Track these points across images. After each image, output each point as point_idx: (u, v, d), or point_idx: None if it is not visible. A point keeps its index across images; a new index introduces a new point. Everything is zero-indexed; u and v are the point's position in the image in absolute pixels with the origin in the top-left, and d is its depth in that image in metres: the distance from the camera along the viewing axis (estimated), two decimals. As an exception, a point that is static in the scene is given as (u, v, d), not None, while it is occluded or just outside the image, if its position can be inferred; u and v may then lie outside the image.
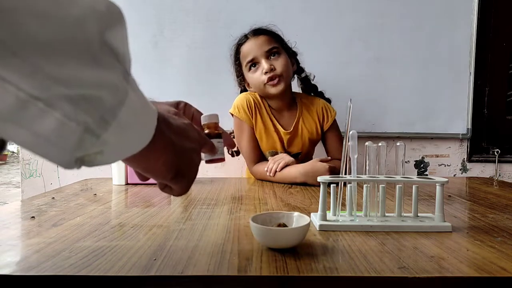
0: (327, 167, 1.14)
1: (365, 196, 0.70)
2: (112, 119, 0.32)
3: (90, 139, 0.31)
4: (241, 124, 1.34)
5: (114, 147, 0.34)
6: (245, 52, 1.30)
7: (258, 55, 1.27)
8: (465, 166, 1.81)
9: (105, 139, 0.32)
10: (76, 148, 0.31)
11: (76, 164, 0.34)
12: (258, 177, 1.30)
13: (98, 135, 0.32)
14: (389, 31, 1.71)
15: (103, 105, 0.31)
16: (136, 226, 0.69)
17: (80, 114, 0.29)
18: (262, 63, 1.26)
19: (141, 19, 1.69)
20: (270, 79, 1.25)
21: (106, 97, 0.31)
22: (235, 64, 1.38)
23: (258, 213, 0.63)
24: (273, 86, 1.26)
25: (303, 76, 1.44)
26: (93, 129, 0.31)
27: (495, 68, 1.78)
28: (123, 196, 1.02)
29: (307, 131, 1.36)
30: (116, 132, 0.33)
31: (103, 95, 0.30)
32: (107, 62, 0.30)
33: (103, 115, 0.31)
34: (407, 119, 1.75)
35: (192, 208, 0.84)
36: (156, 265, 0.49)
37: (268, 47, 1.27)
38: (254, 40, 1.28)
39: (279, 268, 0.48)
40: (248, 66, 1.31)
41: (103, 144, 0.33)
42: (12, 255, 0.53)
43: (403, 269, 0.48)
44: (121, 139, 0.34)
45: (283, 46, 1.31)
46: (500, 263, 0.50)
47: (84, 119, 0.30)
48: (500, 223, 0.72)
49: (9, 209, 0.84)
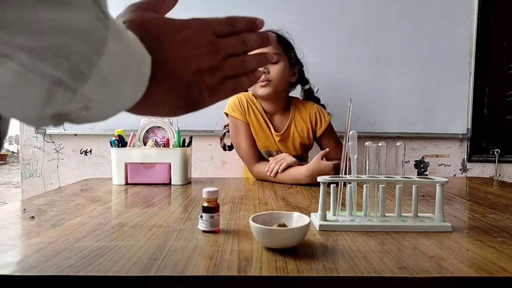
0: (332, 165, 1.14)
1: (365, 196, 0.70)
2: (89, 71, 0.28)
3: (63, 94, 0.28)
4: (237, 123, 1.34)
5: (101, 102, 0.31)
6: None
7: None
8: (465, 166, 1.81)
9: (86, 94, 0.29)
10: (46, 104, 0.28)
11: (52, 120, 0.30)
12: (259, 177, 1.29)
13: (73, 89, 0.28)
14: (389, 31, 1.71)
15: (72, 54, 0.26)
16: (136, 226, 0.69)
17: (44, 66, 0.26)
18: None
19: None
20: (261, 80, 1.26)
21: (74, 45, 0.26)
22: None
23: (258, 213, 0.63)
24: (261, 87, 1.27)
25: (307, 87, 1.43)
26: (65, 82, 0.27)
27: (495, 68, 1.78)
28: (123, 196, 1.02)
29: (298, 135, 1.36)
30: (99, 86, 0.29)
31: (70, 42, 0.26)
32: (74, 1, 0.26)
33: (76, 66, 0.27)
34: (407, 119, 1.75)
35: (192, 208, 0.84)
36: (156, 265, 0.49)
37: (269, 51, 1.27)
38: None
39: (279, 268, 0.48)
40: None
41: (86, 99, 0.29)
42: (12, 255, 0.53)
43: (403, 269, 0.48)
44: (107, 93, 0.30)
45: (286, 54, 1.31)
46: (500, 263, 0.50)
47: (50, 72, 0.26)
48: (500, 223, 0.72)
49: (9, 209, 0.84)
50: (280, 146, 1.35)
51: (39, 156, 1.77)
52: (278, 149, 1.35)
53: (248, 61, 0.44)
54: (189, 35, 0.39)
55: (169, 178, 1.20)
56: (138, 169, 1.19)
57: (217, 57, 0.41)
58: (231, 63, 0.42)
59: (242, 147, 1.34)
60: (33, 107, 0.28)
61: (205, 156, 1.75)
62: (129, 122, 1.70)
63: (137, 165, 1.19)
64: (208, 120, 1.72)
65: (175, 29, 0.39)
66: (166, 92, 0.38)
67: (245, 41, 0.43)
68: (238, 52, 0.43)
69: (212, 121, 1.71)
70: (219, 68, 0.41)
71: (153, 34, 0.37)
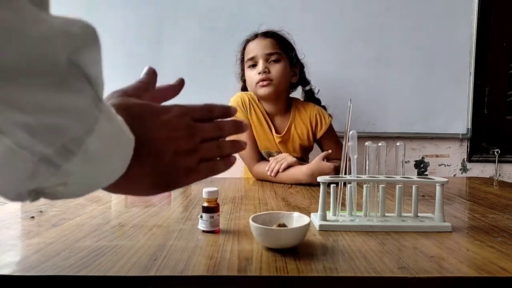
0: (332, 167, 1.14)
1: (365, 196, 0.70)
2: (77, 149, 0.29)
3: (47, 170, 0.28)
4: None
5: (80, 178, 0.31)
6: (249, 49, 1.33)
7: (258, 55, 1.30)
8: (465, 166, 1.81)
9: (67, 170, 0.29)
10: (29, 179, 0.28)
11: (29, 196, 0.30)
12: (259, 177, 1.29)
13: (58, 165, 0.28)
14: (389, 31, 1.71)
15: (66, 133, 0.27)
16: (136, 226, 0.69)
17: (37, 144, 0.26)
18: (259, 64, 1.29)
19: (142, 20, 1.69)
20: (261, 80, 1.27)
21: (71, 125, 0.27)
22: (240, 59, 1.41)
23: (258, 213, 0.63)
24: (262, 87, 1.28)
25: (307, 88, 1.44)
26: (51, 159, 0.27)
27: (495, 68, 1.78)
28: (123, 196, 1.02)
29: (298, 137, 1.36)
30: (83, 163, 0.30)
31: (68, 122, 0.27)
32: (75, 85, 0.27)
33: (66, 144, 0.28)
34: (407, 119, 1.75)
35: (192, 208, 0.84)
36: (156, 265, 0.49)
37: (270, 50, 1.29)
38: (260, 41, 1.32)
39: (279, 269, 0.48)
40: (248, 63, 1.33)
41: (66, 175, 0.29)
42: (12, 255, 0.53)
43: (403, 269, 0.48)
44: (88, 170, 0.31)
45: (287, 54, 1.32)
46: (500, 263, 0.51)
47: (41, 149, 0.26)
48: (500, 223, 0.72)
49: (9, 209, 0.84)
50: (281, 147, 1.35)
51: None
52: (278, 150, 1.35)
53: (223, 145, 0.47)
54: (169, 119, 0.41)
55: (169, 178, 1.19)
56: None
57: (194, 140, 0.43)
58: (207, 147, 0.44)
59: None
60: (17, 183, 0.28)
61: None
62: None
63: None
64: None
65: (156, 112, 0.41)
66: (146, 172, 0.39)
67: (220, 127, 0.46)
68: (214, 136, 0.46)
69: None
70: (196, 150, 0.43)
71: (136, 116, 0.38)
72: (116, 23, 1.68)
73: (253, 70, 1.31)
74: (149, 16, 1.69)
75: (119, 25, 1.68)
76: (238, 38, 1.41)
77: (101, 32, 0.30)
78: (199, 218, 0.65)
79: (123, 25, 1.68)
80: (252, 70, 1.32)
